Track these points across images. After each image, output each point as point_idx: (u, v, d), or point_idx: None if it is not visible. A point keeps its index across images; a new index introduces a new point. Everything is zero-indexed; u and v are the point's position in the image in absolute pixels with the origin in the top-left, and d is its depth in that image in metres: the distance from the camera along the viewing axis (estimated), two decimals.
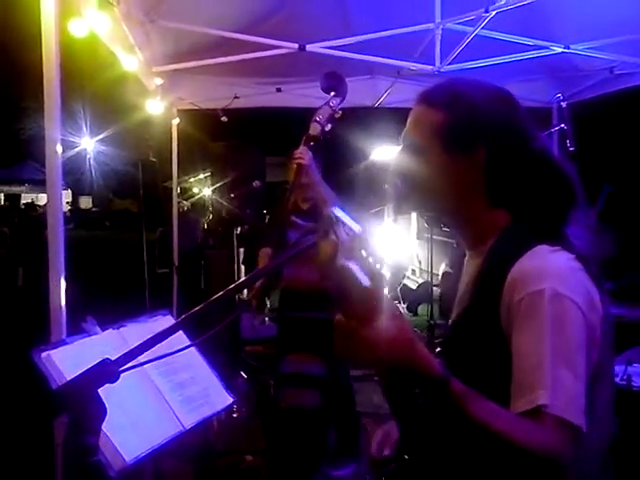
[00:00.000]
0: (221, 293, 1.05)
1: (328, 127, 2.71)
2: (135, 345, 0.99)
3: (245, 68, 4.38)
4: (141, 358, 1.00)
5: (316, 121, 2.69)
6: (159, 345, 1.01)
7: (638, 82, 4.36)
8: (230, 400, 1.87)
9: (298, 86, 5.22)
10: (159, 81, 4.48)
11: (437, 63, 3.75)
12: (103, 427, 0.97)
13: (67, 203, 29.56)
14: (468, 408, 0.92)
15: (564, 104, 3.96)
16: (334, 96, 2.71)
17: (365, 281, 0.87)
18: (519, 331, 1.03)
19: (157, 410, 1.66)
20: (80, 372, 0.93)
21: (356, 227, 0.94)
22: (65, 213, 2.45)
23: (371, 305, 0.88)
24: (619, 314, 3.08)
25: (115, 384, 0.95)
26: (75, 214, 29.65)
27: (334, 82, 2.73)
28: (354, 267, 0.88)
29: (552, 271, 1.05)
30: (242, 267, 7.29)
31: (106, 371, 0.94)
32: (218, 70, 4.42)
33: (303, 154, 2.80)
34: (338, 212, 0.98)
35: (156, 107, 4.78)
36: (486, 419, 0.92)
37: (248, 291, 3.57)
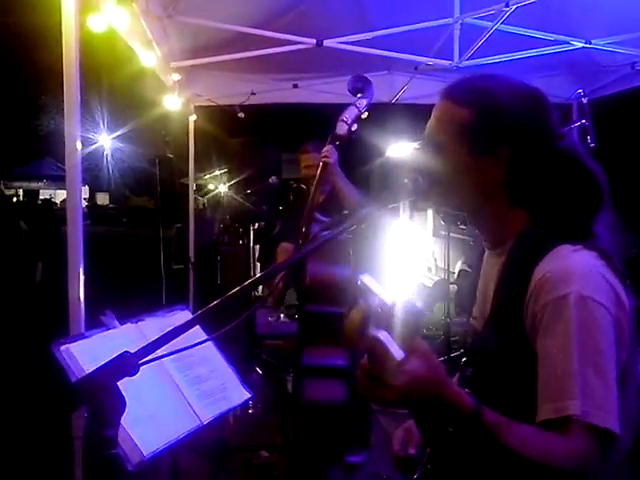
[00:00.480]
0: (239, 288, 1.04)
1: (354, 127, 2.77)
2: (154, 338, 0.99)
3: (262, 64, 4.38)
4: (159, 352, 1.00)
5: (343, 121, 2.76)
6: (177, 339, 1.00)
7: None
8: (247, 395, 1.86)
9: (315, 82, 5.21)
10: (177, 77, 4.49)
11: (455, 58, 3.72)
12: (122, 420, 0.97)
13: (84, 199, 29.86)
14: (502, 438, 0.92)
15: (585, 100, 3.89)
16: (361, 97, 2.77)
17: (398, 354, 0.84)
18: (545, 336, 1.01)
19: (175, 404, 1.66)
20: (100, 365, 0.93)
21: (387, 296, 0.89)
22: (82, 209, 2.48)
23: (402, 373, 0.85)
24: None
25: (134, 377, 0.94)
26: (92, 210, 29.99)
27: (361, 84, 2.82)
28: (385, 338, 0.85)
29: (576, 273, 1.03)
30: (257, 264, 7.28)
31: (126, 364, 0.93)
32: (235, 66, 4.42)
33: (329, 152, 2.87)
34: (367, 280, 0.93)
35: (173, 103, 4.78)
36: (519, 446, 0.92)
37: (263, 287, 3.56)
